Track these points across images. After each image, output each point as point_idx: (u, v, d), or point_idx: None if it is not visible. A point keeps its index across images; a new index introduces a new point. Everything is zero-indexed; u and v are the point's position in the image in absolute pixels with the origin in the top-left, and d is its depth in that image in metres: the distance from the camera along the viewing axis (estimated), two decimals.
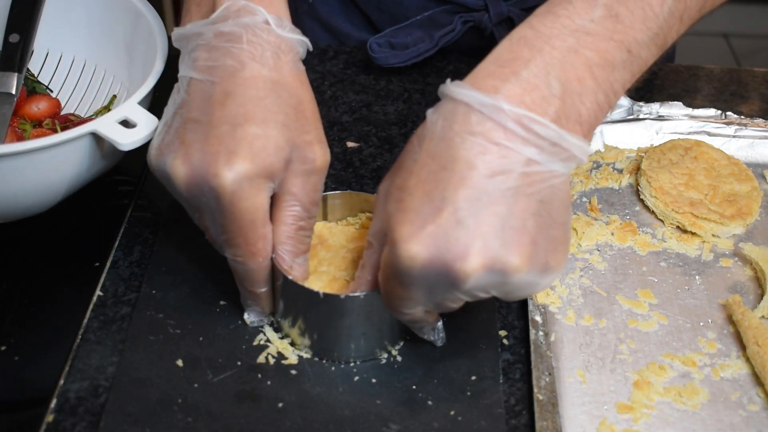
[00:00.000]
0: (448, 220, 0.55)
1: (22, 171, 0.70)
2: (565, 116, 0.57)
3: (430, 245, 0.56)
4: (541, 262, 0.57)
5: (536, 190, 0.56)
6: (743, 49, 2.73)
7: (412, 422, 0.64)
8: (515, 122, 0.55)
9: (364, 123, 0.91)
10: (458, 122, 0.56)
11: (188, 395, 0.65)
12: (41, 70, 0.90)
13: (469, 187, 0.55)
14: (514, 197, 0.56)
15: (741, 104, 0.96)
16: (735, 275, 0.76)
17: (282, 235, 0.66)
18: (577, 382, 0.66)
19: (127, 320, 0.70)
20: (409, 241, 0.56)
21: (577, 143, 0.57)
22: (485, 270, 0.56)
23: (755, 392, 0.67)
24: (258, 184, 0.62)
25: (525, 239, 0.56)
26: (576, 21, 0.58)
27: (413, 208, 0.57)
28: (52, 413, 0.64)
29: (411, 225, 0.56)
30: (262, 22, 0.65)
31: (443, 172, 0.56)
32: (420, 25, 0.98)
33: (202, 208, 0.64)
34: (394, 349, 0.69)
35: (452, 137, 0.56)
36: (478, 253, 0.55)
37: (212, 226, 0.65)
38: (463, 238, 0.55)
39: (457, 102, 0.57)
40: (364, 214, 0.73)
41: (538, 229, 0.56)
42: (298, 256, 0.67)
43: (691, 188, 0.81)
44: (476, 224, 0.55)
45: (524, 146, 0.56)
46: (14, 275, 0.76)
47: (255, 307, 0.69)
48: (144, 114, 0.71)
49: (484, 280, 0.56)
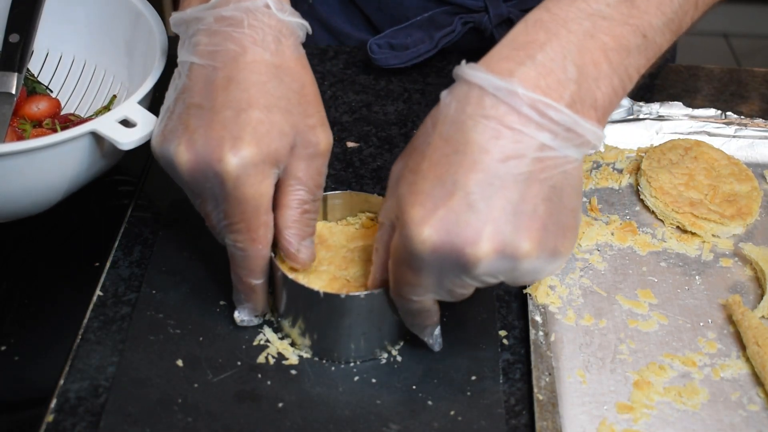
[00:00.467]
0: (460, 204, 0.55)
1: (22, 171, 0.70)
2: (581, 101, 0.57)
3: (441, 229, 0.55)
4: (551, 247, 0.56)
5: (549, 175, 0.56)
6: (743, 49, 2.73)
7: (412, 422, 0.64)
8: (529, 107, 0.55)
9: (364, 123, 0.91)
10: (472, 105, 0.56)
11: (188, 395, 0.65)
12: (41, 70, 0.90)
13: (482, 171, 0.55)
14: (526, 182, 0.55)
15: (741, 104, 0.96)
16: (735, 275, 0.76)
17: (288, 220, 0.66)
18: (577, 382, 0.66)
19: (127, 320, 0.70)
20: (420, 225, 0.56)
21: (591, 129, 0.56)
22: (496, 255, 0.55)
23: (755, 392, 0.67)
24: (263, 170, 0.62)
25: (536, 225, 0.56)
26: (592, 5, 0.58)
27: (425, 191, 0.56)
28: (52, 413, 0.64)
29: (422, 208, 0.56)
30: (263, 5, 0.65)
31: (456, 155, 0.56)
32: (420, 26, 0.98)
33: (205, 194, 0.64)
34: (394, 349, 0.69)
35: (465, 120, 0.56)
36: (489, 237, 0.55)
37: (214, 212, 0.65)
38: (475, 222, 0.55)
39: (471, 85, 0.57)
40: (364, 214, 0.73)
41: (549, 214, 0.56)
42: (305, 239, 0.67)
43: (691, 188, 0.81)
44: (488, 209, 0.55)
45: (538, 131, 0.55)
46: (14, 275, 0.76)
47: (248, 304, 0.68)
48: (144, 114, 0.71)
49: (494, 265, 0.56)
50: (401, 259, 0.59)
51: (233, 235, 0.65)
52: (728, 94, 0.97)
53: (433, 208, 0.56)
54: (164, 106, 0.67)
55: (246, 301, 0.68)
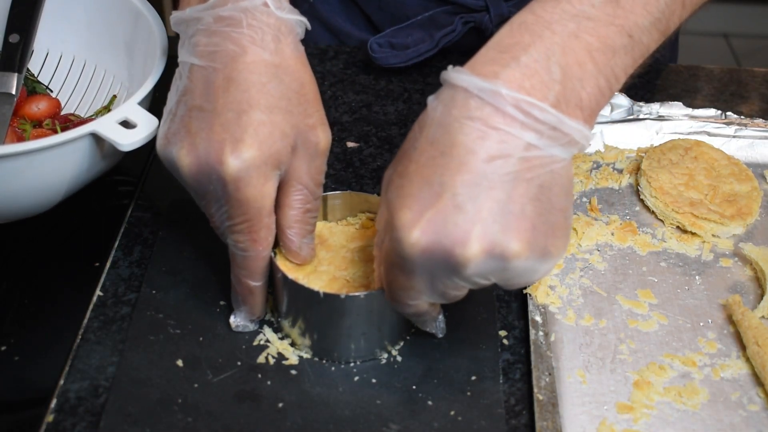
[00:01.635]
0: (447, 206, 0.55)
1: (22, 171, 0.70)
2: (566, 101, 0.57)
3: (430, 231, 0.55)
4: (540, 247, 0.56)
5: (535, 175, 0.56)
6: (743, 49, 2.73)
7: (412, 422, 0.64)
8: (514, 107, 0.55)
9: (364, 123, 0.91)
10: (457, 107, 0.56)
11: (188, 395, 0.65)
12: (41, 70, 0.90)
13: (468, 172, 0.55)
14: (513, 182, 0.55)
15: (741, 104, 0.96)
16: (735, 275, 0.76)
17: (290, 219, 0.66)
18: (577, 382, 0.66)
19: (127, 320, 0.70)
20: (409, 228, 0.56)
21: (577, 127, 0.56)
22: (485, 255, 0.55)
23: (755, 392, 0.67)
24: (265, 172, 0.63)
25: (524, 225, 0.56)
26: (576, 6, 0.58)
27: (412, 194, 0.56)
28: (52, 413, 0.64)
29: (410, 211, 0.56)
30: (261, 4, 0.65)
31: (442, 157, 0.56)
32: (420, 26, 0.98)
33: (209, 196, 0.64)
34: (394, 349, 0.69)
35: (451, 123, 0.56)
36: (478, 238, 0.55)
37: (217, 213, 0.65)
38: (462, 223, 0.55)
39: (456, 88, 0.57)
40: (364, 214, 0.73)
41: (537, 214, 0.56)
42: (306, 236, 0.67)
43: (691, 188, 0.81)
44: (475, 209, 0.55)
45: (523, 131, 0.55)
46: (14, 275, 0.76)
47: (244, 307, 0.69)
48: (144, 114, 0.71)
49: (484, 265, 0.56)
50: (393, 263, 0.59)
51: (235, 236, 0.65)
52: (728, 94, 0.97)
53: (421, 210, 0.56)
54: (167, 108, 0.67)
55: (243, 303, 0.68)
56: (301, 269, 0.69)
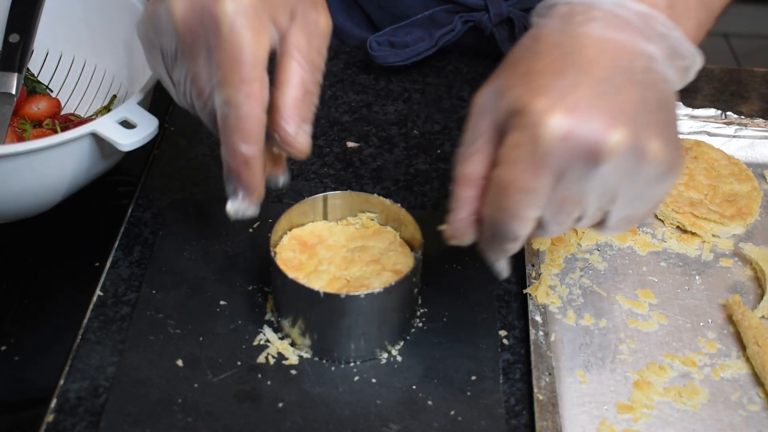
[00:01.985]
0: (587, 93, 0.54)
1: (22, 171, 0.70)
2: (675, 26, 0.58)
3: (571, 116, 0.53)
4: (672, 155, 0.56)
5: (660, 88, 0.56)
6: (743, 49, 2.73)
7: (412, 422, 0.64)
8: (638, 17, 0.56)
9: (364, 123, 0.91)
10: (580, 15, 0.57)
11: (188, 395, 0.65)
12: (41, 70, 0.90)
13: (603, 68, 0.55)
14: (643, 86, 0.55)
15: (741, 104, 0.96)
16: (735, 275, 0.76)
17: (288, 97, 0.62)
18: (577, 382, 0.66)
19: (127, 320, 0.70)
20: (548, 112, 0.53)
21: (691, 49, 0.57)
22: (627, 147, 0.53)
23: (755, 392, 0.67)
24: (260, 18, 0.60)
25: (660, 127, 0.55)
26: None
27: (546, 84, 0.55)
28: (52, 413, 0.64)
29: (548, 97, 0.54)
30: None
31: (571, 55, 0.56)
32: (420, 24, 0.98)
33: (198, 45, 0.61)
34: (394, 349, 0.69)
35: (575, 28, 0.57)
36: (624, 125, 0.53)
37: (206, 68, 0.62)
38: (607, 109, 0.53)
39: (574, 3, 0.58)
40: (364, 214, 0.73)
41: (666, 123, 0.56)
42: (305, 122, 0.64)
43: (691, 188, 0.81)
44: (617, 100, 0.54)
45: (647, 43, 0.56)
46: (14, 275, 0.76)
47: (240, 187, 0.63)
48: (144, 114, 0.71)
49: (623, 161, 0.54)
50: (520, 156, 0.55)
51: (227, 91, 0.60)
52: (728, 94, 0.97)
53: (560, 96, 0.54)
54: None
55: (240, 181, 0.63)
56: (301, 269, 0.69)
